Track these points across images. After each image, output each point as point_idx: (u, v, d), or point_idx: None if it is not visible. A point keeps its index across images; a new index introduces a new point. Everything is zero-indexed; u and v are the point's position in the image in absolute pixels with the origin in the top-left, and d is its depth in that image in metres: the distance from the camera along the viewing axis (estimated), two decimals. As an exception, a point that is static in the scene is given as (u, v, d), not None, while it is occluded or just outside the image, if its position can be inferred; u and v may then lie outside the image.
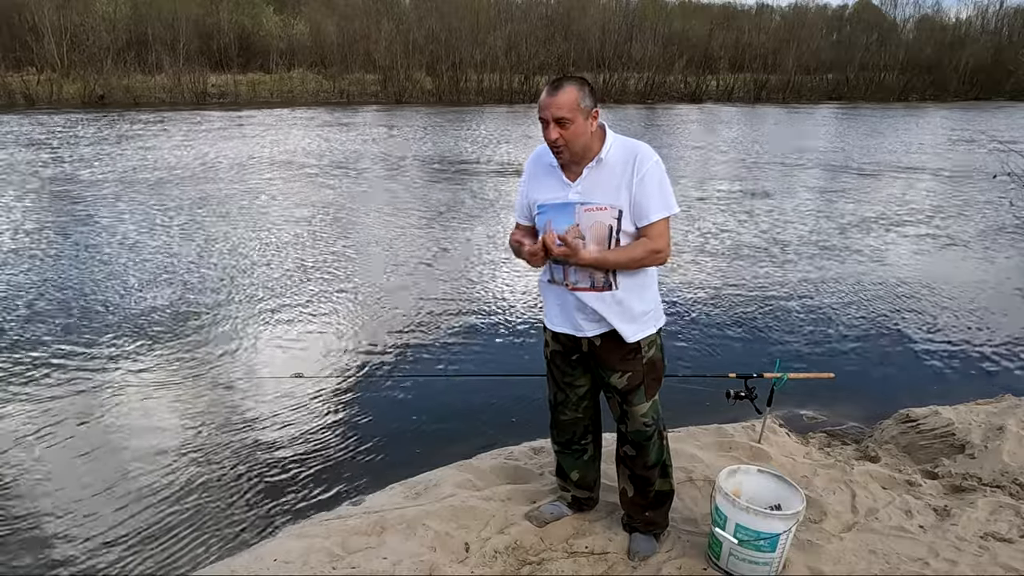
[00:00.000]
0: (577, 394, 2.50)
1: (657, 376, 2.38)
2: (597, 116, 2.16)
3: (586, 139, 2.15)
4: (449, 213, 9.24)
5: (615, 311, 2.25)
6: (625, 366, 2.32)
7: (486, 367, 4.57)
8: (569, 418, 2.56)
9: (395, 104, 30.50)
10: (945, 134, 20.94)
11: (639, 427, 2.40)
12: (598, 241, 2.17)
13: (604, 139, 2.20)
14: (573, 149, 2.15)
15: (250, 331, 5.13)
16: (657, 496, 2.54)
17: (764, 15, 45.95)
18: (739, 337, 5.17)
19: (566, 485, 2.74)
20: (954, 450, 3.34)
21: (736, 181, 12.13)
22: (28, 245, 7.34)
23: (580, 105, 2.10)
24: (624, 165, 2.16)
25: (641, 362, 2.32)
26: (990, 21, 45.09)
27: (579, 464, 2.67)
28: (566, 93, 2.09)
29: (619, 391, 2.36)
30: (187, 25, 31.61)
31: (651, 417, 2.40)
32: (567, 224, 2.20)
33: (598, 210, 2.16)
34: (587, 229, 2.17)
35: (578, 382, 2.47)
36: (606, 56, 36.74)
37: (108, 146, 15.24)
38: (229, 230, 8.06)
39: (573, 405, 2.52)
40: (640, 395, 2.35)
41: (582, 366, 2.44)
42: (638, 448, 2.45)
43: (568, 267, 2.25)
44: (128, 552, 2.81)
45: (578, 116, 2.10)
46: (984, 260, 7.40)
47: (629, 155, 2.17)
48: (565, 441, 2.63)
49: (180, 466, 3.41)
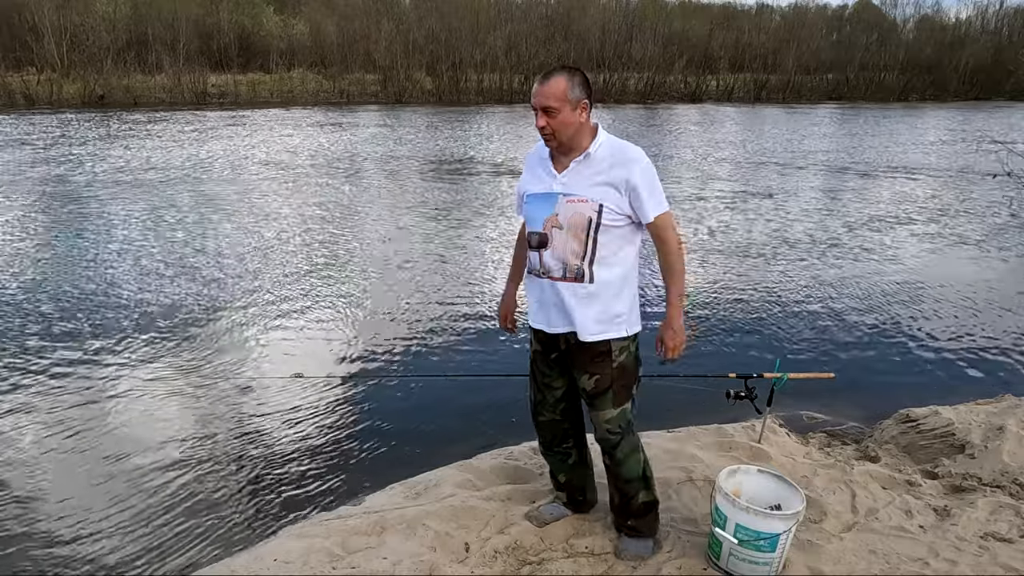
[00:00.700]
0: (554, 395, 2.49)
1: (627, 383, 2.34)
2: (587, 108, 2.17)
3: (574, 129, 2.17)
4: (449, 213, 9.24)
5: (583, 304, 2.25)
6: (594, 368, 2.31)
7: (486, 367, 4.57)
8: (547, 419, 2.56)
9: (395, 104, 30.50)
10: (945, 134, 20.94)
11: (604, 434, 2.39)
12: (576, 232, 2.19)
13: (595, 136, 2.23)
14: (560, 138, 2.18)
15: (250, 331, 5.13)
16: (642, 506, 2.52)
17: (764, 15, 46.01)
18: (739, 337, 5.17)
19: (558, 486, 2.75)
20: (954, 450, 3.34)
21: (735, 181, 12.13)
22: (27, 245, 7.34)
23: (568, 95, 2.13)
24: (611, 163, 2.18)
25: (611, 366, 2.30)
26: (990, 21, 45.17)
27: (564, 468, 2.67)
28: (554, 82, 2.13)
29: (586, 393, 2.36)
30: (187, 25, 31.63)
31: (617, 425, 2.37)
32: (548, 214, 2.23)
33: (579, 202, 2.18)
34: (566, 219, 2.20)
35: (555, 383, 2.47)
36: (606, 56, 36.75)
37: (108, 146, 15.24)
38: (228, 230, 8.06)
39: (550, 407, 2.52)
40: (606, 400, 2.33)
41: (559, 367, 2.43)
42: (610, 457, 2.45)
43: (543, 253, 2.27)
44: (128, 552, 2.81)
45: (565, 106, 2.13)
46: (984, 260, 7.40)
47: (618, 155, 2.19)
48: (547, 443, 2.63)
49: (180, 466, 3.41)
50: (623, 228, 2.22)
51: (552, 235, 2.24)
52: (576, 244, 2.21)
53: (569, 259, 2.23)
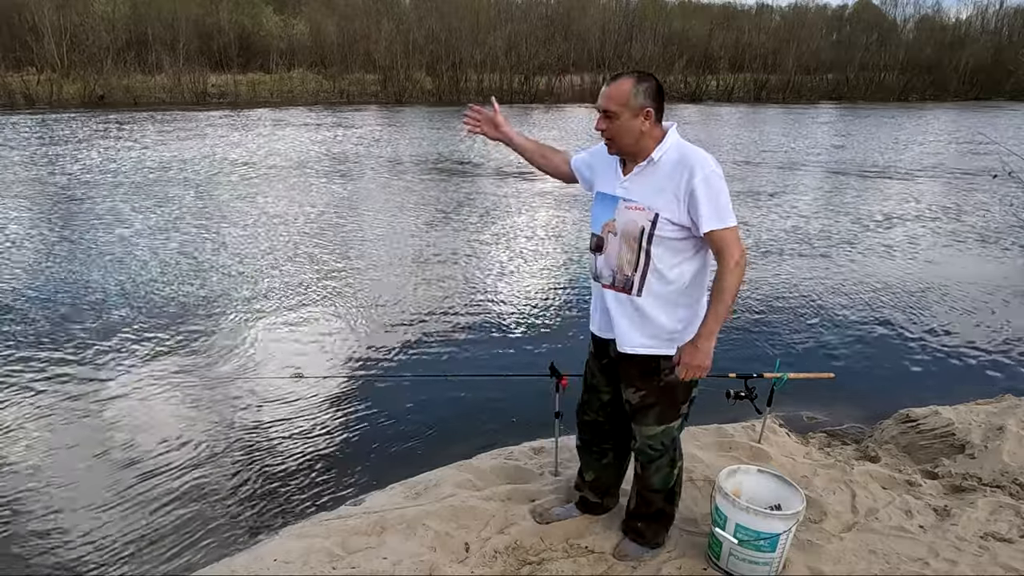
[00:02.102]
0: (599, 400, 2.47)
1: (674, 402, 2.27)
2: (650, 116, 2.07)
3: (634, 136, 2.09)
4: (449, 213, 9.23)
5: (627, 315, 2.19)
6: (640, 383, 2.25)
7: (486, 367, 4.57)
8: (590, 419, 2.54)
9: (395, 104, 30.50)
10: (945, 134, 20.94)
11: (644, 447, 2.36)
12: (629, 241, 2.13)
13: (661, 141, 2.12)
14: (619, 144, 2.13)
15: (250, 331, 5.13)
16: (655, 512, 2.51)
17: (764, 15, 45.94)
18: (739, 337, 5.17)
19: (581, 484, 2.72)
20: (954, 450, 3.34)
21: (736, 181, 12.12)
22: (26, 245, 7.34)
23: (630, 101, 2.05)
24: (673, 171, 2.07)
25: (658, 384, 2.23)
26: (990, 21, 45.11)
27: (597, 466, 2.64)
28: (618, 86, 2.07)
29: (631, 406, 2.31)
30: (187, 25, 31.61)
31: (660, 442, 2.33)
32: (607, 218, 2.18)
33: (636, 209, 2.11)
34: (622, 226, 2.14)
35: (602, 388, 2.44)
36: (606, 56, 36.75)
37: (108, 146, 15.23)
38: (227, 230, 8.06)
39: (595, 409, 2.51)
40: (651, 417, 2.28)
41: (607, 375, 2.39)
42: (643, 467, 2.43)
43: (598, 258, 2.23)
44: (128, 552, 2.81)
45: (625, 111, 2.06)
46: (984, 260, 7.40)
47: (683, 163, 2.07)
48: (586, 440, 2.62)
49: (180, 466, 3.41)
50: (680, 241, 2.10)
51: (607, 240, 2.19)
52: (629, 253, 2.14)
53: (620, 267, 2.17)
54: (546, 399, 3.10)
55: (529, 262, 7.04)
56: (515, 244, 7.72)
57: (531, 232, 8.22)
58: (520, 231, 8.27)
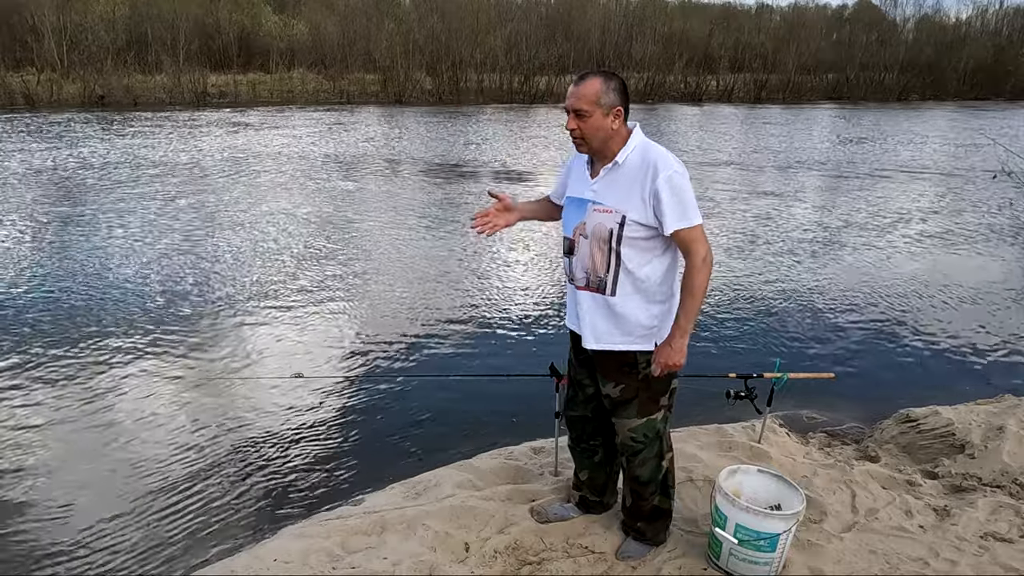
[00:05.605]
0: (585, 393, 2.50)
1: (654, 394, 2.30)
2: (620, 115, 2.11)
3: (604, 135, 2.12)
4: (449, 213, 9.24)
5: (599, 314, 2.23)
6: (619, 378, 2.29)
7: (486, 367, 4.57)
8: (578, 414, 2.56)
9: (395, 104, 30.47)
10: (945, 134, 20.94)
11: (626, 440, 2.38)
12: (599, 243, 2.17)
13: (626, 143, 2.15)
14: (591, 144, 2.15)
15: (250, 331, 5.13)
16: (653, 511, 2.52)
17: (764, 15, 45.97)
18: (739, 337, 5.17)
19: (578, 483, 2.74)
20: (954, 450, 3.34)
21: (735, 181, 12.13)
22: (24, 245, 7.34)
23: (600, 99, 2.07)
24: (638, 172, 2.10)
25: (636, 378, 2.27)
26: (990, 21, 45.12)
27: (588, 464, 2.66)
28: (588, 85, 2.08)
29: (610, 400, 2.34)
30: (187, 25, 31.57)
31: (642, 434, 2.35)
32: (578, 221, 2.22)
33: (604, 212, 2.14)
34: (591, 228, 2.17)
35: (585, 381, 2.47)
36: (606, 56, 36.69)
37: (108, 146, 15.22)
38: (227, 230, 8.06)
39: (581, 403, 2.53)
40: (631, 410, 2.31)
41: (587, 368, 2.43)
42: (628, 460, 2.45)
43: (571, 260, 2.26)
44: (128, 552, 2.81)
45: (596, 110, 2.08)
46: (984, 260, 7.40)
47: (646, 164, 2.10)
48: (575, 437, 2.64)
49: (180, 466, 3.41)
50: (648, 240, 2.14)
51: (579, 243, 2.22)
52: (600, 255, 2.17)
53: (593, 269, 2.20)
54: (546, 399, 3.11)
55: (529, 262, 7.05)
56: (515, 244, 7.72)
57: (531, 232, 8.22)
58: (520, 231, 8.27)
